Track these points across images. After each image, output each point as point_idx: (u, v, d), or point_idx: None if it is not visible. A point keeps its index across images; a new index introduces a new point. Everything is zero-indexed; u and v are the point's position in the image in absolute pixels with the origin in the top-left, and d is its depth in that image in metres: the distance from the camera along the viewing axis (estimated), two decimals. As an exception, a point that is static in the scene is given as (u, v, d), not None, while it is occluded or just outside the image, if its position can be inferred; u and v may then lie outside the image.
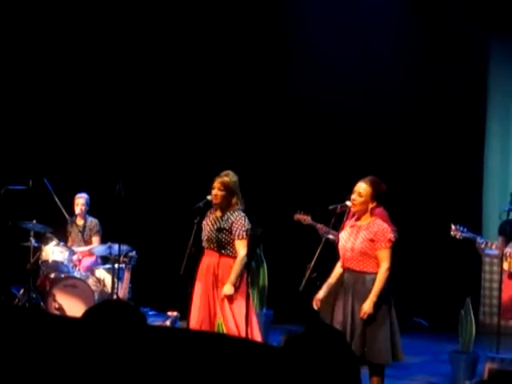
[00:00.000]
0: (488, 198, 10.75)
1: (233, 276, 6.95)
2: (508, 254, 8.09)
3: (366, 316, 6.19)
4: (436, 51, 10.64)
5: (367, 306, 6.19)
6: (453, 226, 8.12)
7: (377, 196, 6.33)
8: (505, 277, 8.24)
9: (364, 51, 10.67)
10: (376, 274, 6.30)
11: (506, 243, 8.15)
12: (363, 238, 6.31)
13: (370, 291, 6.25)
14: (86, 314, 2.65)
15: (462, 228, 8.14)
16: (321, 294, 6.47)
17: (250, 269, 7.22)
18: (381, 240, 6.30)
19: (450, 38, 10.51)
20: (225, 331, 6.78)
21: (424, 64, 10.65)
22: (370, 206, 6.34)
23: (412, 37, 10.61)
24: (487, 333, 9.47)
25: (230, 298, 6.93)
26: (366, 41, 10.65)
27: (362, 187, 6.35)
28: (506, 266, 8.14)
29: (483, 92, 10.76)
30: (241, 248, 6.99)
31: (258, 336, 7.08)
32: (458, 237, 8.11)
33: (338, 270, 6.53)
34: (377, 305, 6.23)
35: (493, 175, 10.79)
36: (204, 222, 7.17)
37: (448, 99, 10.64)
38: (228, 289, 6.93)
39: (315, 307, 6.45)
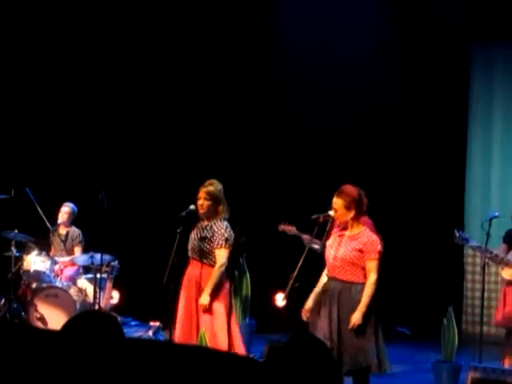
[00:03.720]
0: (470, 207, 10.78)
1: (209, 286, 6.91)
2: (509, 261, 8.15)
3: (355, 327, 6.20)
4: (417, 59, 10.68)
5: (356, 318, 6.21)
6: (456, 233, 8.17)
7: (351, 203, 6.34)
8: (504, 286, 8.30)
9: (346, 59, 10.69)
10: (363, 284, 6.32)
11: (507, 251, 8.22)
12: (352, 248, 6.33)
13: (356, 302, 6.26)
14: (63, 327, 2.64)
15: (462, 234, 8.22)
16: (309, 304, 6.46)
17: (233, 278, 7.20)
18: (370, 251, 6.33)
19: (431, 46, 10.56)
20: (207, 342, 6.75)
21: (405, 72, 10.69)
22: (350, 214, 6.36)
23: (393, 45, 10.65)
24: (470, 342, 9.50)
25: (207, 309, 6.88)
26: (347, 48, 10.68)
27: (335, 202, 6.40)
28: (506, 275, 8.17)
29: (465, 101, 10.80)
30: (219, 257, 6.96)
31: (240, 347, 7.05)
32: (460, 243, 8.20)
33: (323, 278, 6.53)
34: (364, 316, 6.25)
35: (475, 185, 10.83)
36: (191, 234, 7.17)
37: (429, 108, 10.69)
38: (204, 299, 6.89)
39: (305, 318, 6.43)
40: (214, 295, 6.92)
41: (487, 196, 10.72)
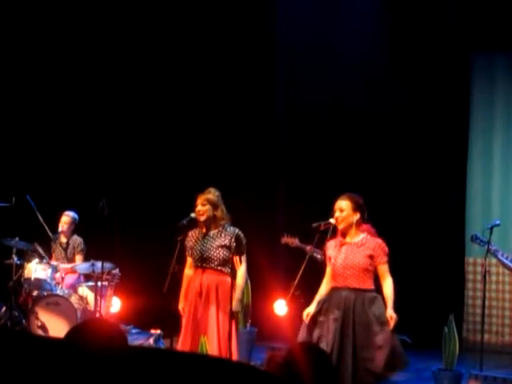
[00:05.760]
0: (471, 215, 10.77)
1: (239, 291, 6.94)
2: None
3: (394, 324, 6.23)
4: (418, 66, 10.68)
5: (392, 315, 6.22)
6: (474, 237, 8.53)
7: (358, 207, 6.40)
8: None
9: (346, 66, 10.71)
10: (373, 291, 6.36)
11: None
12: (363, 255, 6.34)
13: (369, 310, 6.26)
14: (67, 334, 2.64)
15: (480, 236, 8.35)
16: (312, 308, 6.42)
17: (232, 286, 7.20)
18: (381, 254, 6.38)
19: (432, 53, 10.57)
20: (208, 349, 6.76)
21: (406, 79, 10.69)
22: (355, 218, 6.39)
23: (393, 51, 10.66)
24: (470, 350, 9.49)
25: (235, 315, 6.92)
26: (348, 54, 10.70)
27: (342, 203, 6.43)
28: None
29: (465, 108, 10.80)
30: (243, 262, 6.99)
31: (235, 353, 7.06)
32: (478, 244, 8.52)
33: (325, 287, 6.51)
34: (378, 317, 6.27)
35: (476, 193, 10.82)
36: (190, 243, 7.14)
37: (430, 116, 10.69)
38: (236, 305, 6.93)
39: (305, 319, 6.40)
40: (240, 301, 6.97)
41: (488, 204, 10.71)
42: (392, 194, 10.61)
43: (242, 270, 7.00)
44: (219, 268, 7.04)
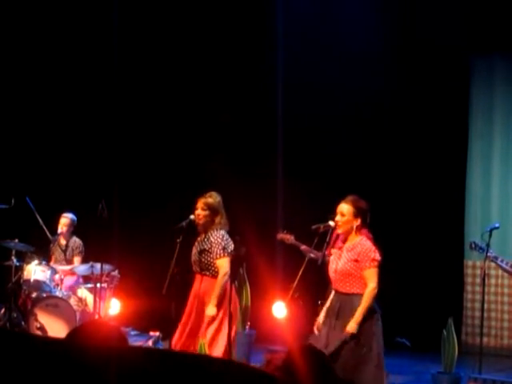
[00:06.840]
0: (470, 218, 10.77)
1: (214, 297, 6.92)
2: None
3: (347, 337, 6.15)
4: (417, 69, 10.69)
5: (351, 327, 6.14)
6: (473, 244, 8.46)
7: (359, 212, 6.35)
8: None
9: (345, 70, 10.71)
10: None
11: None
12: (347, 259, 6.31)
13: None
14: (68, 336, 2.64)
15: (478, 243, 8.36)
16: (321, 318, 6.41)
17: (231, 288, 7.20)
18: (365, 260, 6.28)
19: (431, 56, 10.58)
20: (207, 352, 6.76)
21: (405, 82, 10.69)
22: (355, 223, 6.36)
23: (393, 54, 10.66)
24: (469, 353, 9.49)
25: (214, 319, 6.90)
26: (347, 59, 10.71)
27: (343, 207, 6.39)
28: None
29: (465, 111, 10.80)
30: (221, 267, 6.97)
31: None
32: (477, 251, 8.52)
33: (331, 292, 6.52)
34: (361, 325, 6.21)
35: (475, 196, 10.82)
36: (193, 248, 7.20)
37: (429, 119, 10.70)
38: (210, 310, 6.91)
39: (316, 332, 6.38)
40: (219, 305, 6.93)
41: (487, 207, 10.71)
42: (391, 195, 10.60)
43: (220, 274, 6.99)
44: (203, 272, 7.07)
